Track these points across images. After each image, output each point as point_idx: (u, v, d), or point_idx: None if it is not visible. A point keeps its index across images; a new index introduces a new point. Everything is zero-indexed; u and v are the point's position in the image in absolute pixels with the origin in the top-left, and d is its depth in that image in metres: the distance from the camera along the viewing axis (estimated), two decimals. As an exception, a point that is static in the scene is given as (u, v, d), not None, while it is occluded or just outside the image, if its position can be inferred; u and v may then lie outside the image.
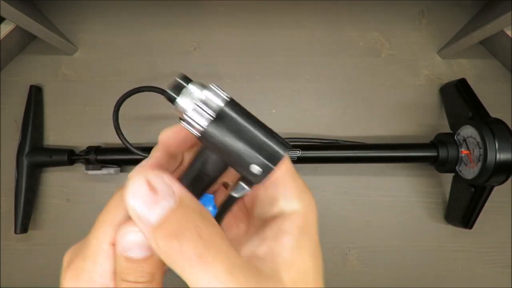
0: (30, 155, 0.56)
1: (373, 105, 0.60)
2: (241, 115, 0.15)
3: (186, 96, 0.15)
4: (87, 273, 0.15)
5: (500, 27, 0.51)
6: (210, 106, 0.15)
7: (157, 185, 0.13)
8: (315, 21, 0.62)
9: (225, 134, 0.14)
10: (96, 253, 0.15)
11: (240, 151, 0.15)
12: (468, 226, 0.52)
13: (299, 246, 0.16)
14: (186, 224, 0.13)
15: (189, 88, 0.15)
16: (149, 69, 0.62)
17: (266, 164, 0.15)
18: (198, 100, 0.15)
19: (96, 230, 0.16)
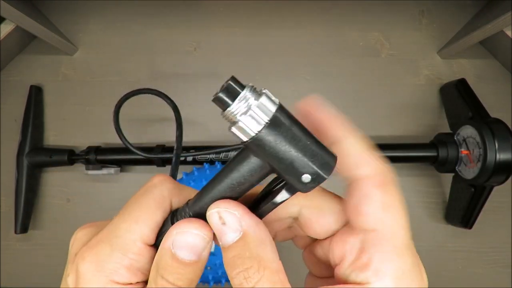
0: (30, 155, 0.56)
1: (373, 105, 0.60)
2: (293, 121, 0.15)
3: (241, 101, 0.14)
4: (113, 263, 0.15)
5: (500, 27, 0.51)
6: (264, 111, 0.14)
7: (226, 219, 0.15)
8: (315, 21, 0.62)
9: (279, 140, 0.14)
10: (127, 247, 0.16)
11: (293, 158, 0.14)
12: (468, 226, 0.52)
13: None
14: (243, 254, 0.14)
15: (244, 93, 0.14)
16: (149, 69, 0.62)
17: (319, 173, 0.14)
18: (253, 105, 0.14)
19: (130, 224, 0.16)
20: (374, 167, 0.16)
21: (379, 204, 0.15)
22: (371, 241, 0.15)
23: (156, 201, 0.17)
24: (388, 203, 0.15)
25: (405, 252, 0.15)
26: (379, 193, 0.15)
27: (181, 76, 0.61)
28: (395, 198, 0.15)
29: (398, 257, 0.15)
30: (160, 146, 0.54)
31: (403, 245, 0.15)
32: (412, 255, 0.15)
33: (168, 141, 0.59)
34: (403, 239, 0.15)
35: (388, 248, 0.15)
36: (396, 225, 0.15)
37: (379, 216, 0.15)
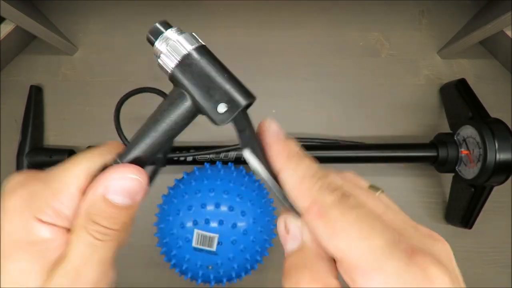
0: (30, 155, 0.56)
1: (373, 105, 0.60)
2: (209, 60, 0.17)
3: (162, 41, 0.17)
4: (42, 201, 0.15)
5: (500, 27, 0.51)
6: (178, 51, 0.16)
7: (290, 228, 0.16)
8: (315, 21, 0.62)
9: (194, 73, 0.16)
10: (61, 188, 0.16)
11: (208, 87, 0.16)
12: (468, 226, 0.52)
13: None
14: (299, 264, 0.15)
15: (165, 34, 0.17)
16: (149, 69, 0.62)
17: (234, 100, 0.17)
18: (170, 45, 0.17)
19: (68, 169, 0.16)
20: (308, 199, 0.15)
21: (327, 237, 0.14)
22: (341, 270, 0.14)
23: (93, 154, 0.17)
24: (333, 233, 0.14)
25: (373, 272, 0.13)
26: (320, 224, 0.14)
27: (181, 76, 0.61)
28: (337, 223, 0.14)
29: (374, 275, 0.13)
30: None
31: (369, 265, 0.13)
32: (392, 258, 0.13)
33: (168, 141, 0.59)
34: (366, 259, 0.13)
35: (355, 275, 0.13)
36: (352, 248, 0.13)
37: (333, 247, 0.14)
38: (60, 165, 0.17)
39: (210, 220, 0.42)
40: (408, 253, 0.13)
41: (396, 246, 0.13)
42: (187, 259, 0.43)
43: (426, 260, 0.13)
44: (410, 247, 0.13)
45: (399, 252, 0.13)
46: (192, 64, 0.16)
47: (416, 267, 0.13)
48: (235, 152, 0.52)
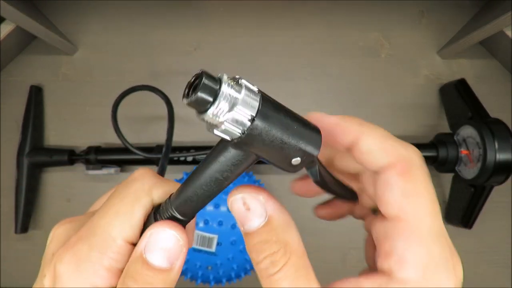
0: (31, 155, 0.56)
1: (373, 105, 0.60)
2: (276, 108, 0.13)
3: (221, 100, 0.12)
4: (91, 263, 0.14)
5: (500, 27, 0.51)
6: (248, 107, 0.12)
7: (251, 204, 0.14)
8: (315, 21, 0.62)
9: (266, 133, 0.13)
10: (107, 245, 0.14)
11: (282, 147, 0.13)
12: (468, 226, 0.52)
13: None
14: (270, 239, 0.14)
15: (224, 90, 0.12)
16: (149, 69, 0.62)
17: (309, 154, 0.14)
18: (236, 103, 0.12)
19: (109, 220, 0.15)
20: (395, 155, 0.15)
21: (400, 192, 0.14)
22: (394, 229, 0.14)
23: (136, 195, 0.15)
24: (410, 190, 0.14)
25: (431, 240, 0.14)
26: (400, 180, 0.14)
27: (181, 76, 0.61)
28: (418, 185, 0.14)
29: (422, 246, 0.14)
30: (160, 146, 0.54)
31: (429, 233, 0.14)
32: (440, 244, 0.14)
33: (168, 141, 0.59)
34: (429, 227, 0.14)
35: (411, 236, 0.14)
36: (420, 212, 0.14)
37: (400, 204, 0.14)
38: (99, 213, 0.15)
39: (209, 220, 0.42)
40: (452, 250, 0.15)
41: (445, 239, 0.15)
42: (187, 260, 0.43)
43: (456, 261, 0.15)
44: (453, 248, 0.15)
45: (449, 244, 0.15)
46: (261, 127, 0.13)
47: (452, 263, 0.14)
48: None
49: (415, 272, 0.14)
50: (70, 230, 0.16)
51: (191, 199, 0.15)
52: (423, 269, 0.14)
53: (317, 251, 0.57)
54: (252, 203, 0.14)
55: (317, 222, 0.58)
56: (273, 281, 0.14)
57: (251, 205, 0.14)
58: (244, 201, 0.14)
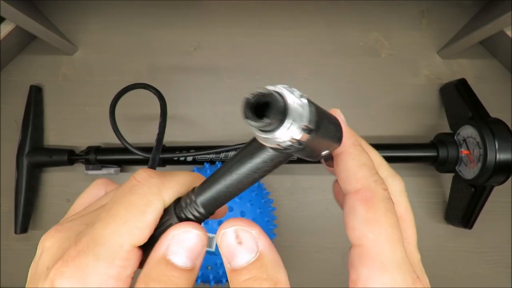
0: (30, 155, 0.56)
1: (373, 105, 0.60)
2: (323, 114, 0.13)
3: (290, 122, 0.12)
4: (99, 275, 0.14)
5: (500, 27, 0.51)
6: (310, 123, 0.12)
7: (243, 238, 0.14)
8: (315, 21, 0.62)
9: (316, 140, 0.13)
10: (114, 253, 0.14)
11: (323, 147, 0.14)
12: (468, 226, 0.52)
13: None
14: (260, 276, 0.14)
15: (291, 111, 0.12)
16: (149, 69, 0.62)
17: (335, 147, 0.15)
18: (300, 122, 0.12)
19: (117, 226, 0.14)
20: (362, 182, 0.15)
21: (362, 220, 0.15)
22: (358, 256, 0.15)
23: (146, 200, 0.15)
24: (371, 219, 0.15)
25: (393, 268, 0.14)
26: (362, 208, 0.15)
27: (180, 76, 0.61)
28: (379, 214, 0.15)
29: (384, 275, 0.14)
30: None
31: (391, 261, 0.14)
32: (402, 272, 0.14)
33: (169, 140, 0.59)
34: (390, 256, 0.14)
35: (374, 264, 0.14)
36: (380, 239, 0.14)
37: (363, 231, 0.15)
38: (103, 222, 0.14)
39: (209, 220, 0.42)
40: (414, 278, 0.14)
41: (409, 266, 0.15)
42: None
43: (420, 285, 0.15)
44: (416, 275, 0.15)
45: (410, 272, 0.14)
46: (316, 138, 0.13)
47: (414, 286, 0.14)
48: (235, 152, 0.52)
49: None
50: (62, 242, 0.15)
51: (222, 196, 0.15)
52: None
53: (317, 251, 0.57)
54: (245, 237, 0.14)
55: (317, 222, 0.58)
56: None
57: (243, 239, 0.14)
58: (237, 234, 0.14)
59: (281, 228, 0.57)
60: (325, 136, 0.13)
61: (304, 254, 0.57)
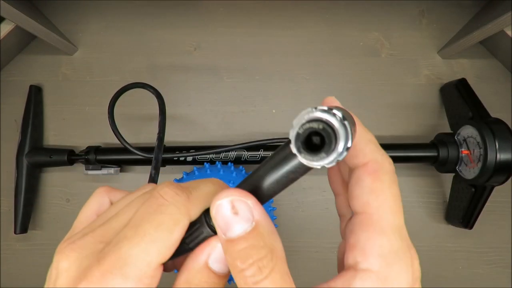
0: (30, 155, 0.56)
1: (373, 105, 0.60)
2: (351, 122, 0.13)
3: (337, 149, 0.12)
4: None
5: (500, 27, 0.51)
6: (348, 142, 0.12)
7: (240, 208, 0.14)
8: (315, 21, 0.62)
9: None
10: (142, 272, 0.14)
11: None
12: (468, 226, 0.52)
13: None
14: (257, 244, 0.14)
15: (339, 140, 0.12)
16: (149, 69, 0.62)
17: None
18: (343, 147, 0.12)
19: (146, 248, 0.14)
20: (370, 156, 0.16)
21: (368, 189, 0.15)
22: (359, 223, 0.15)
23: (174, 219, 0.15)
24: (376, 188, 0.15)
25: (391, 233, 0.15)
26: (369, 179, 0.16)
27: (180, 76, 0.61)
28: (384, 185, 0.15)
29: (383, 237, 0.15)
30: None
31: (390, 227, 0.15)
32: (399, 238, 0.15)
33: (169, 140, 0.59)
34: (389, 222, 0.15)
35: (374, 229, 0.15)
36: (383, 208, 0.15)
37: (367, 199, 0.15)
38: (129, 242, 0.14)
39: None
40: (409, 245, 0.16)
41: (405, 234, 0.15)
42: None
43: (414, 257, 0.16)
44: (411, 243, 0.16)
45: (405, 239, 0.15)
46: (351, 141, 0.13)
47: (409, 255, 0.15)
48: (235, 152, 0.52)
49: (377, 262, 0.14)
50: (81, 262, 0.15)
51: None
52: (384, 259, 0.14)
53: (317, 251, 0.57)
54: (241, 207, 0.14)
55: (317, 222, 0.58)
56: (260, 285, 0.13)
57: (239, 209, 0.14)
58: (233, 204, 0.14)
59: (281, 228, 0.57)
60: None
61: (304, 254, 0.57)
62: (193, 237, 0.16)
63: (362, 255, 0.15)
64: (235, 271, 0.14)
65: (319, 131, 0.12)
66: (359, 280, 0.14)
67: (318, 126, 0.12)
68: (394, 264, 0.14)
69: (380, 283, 0.14)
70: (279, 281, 0.13)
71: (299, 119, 0.12)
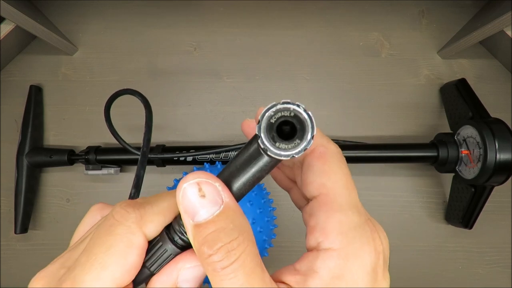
0: (30, 155, 0.56)
1: (373, 105, 0.60)
2: None
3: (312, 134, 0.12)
4: None
5: (500, 27, 0.51)
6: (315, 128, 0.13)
7: (207, 191, 0.14)
8: (315, 21, 0.62)
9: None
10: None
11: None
12: (468, 226, 0.52)
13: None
14: (227, 226, 0.13)
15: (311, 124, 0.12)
16: (148, 69, 0.62)
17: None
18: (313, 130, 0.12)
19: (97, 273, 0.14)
20: (316, 142, 0.17)
21: (319, 172, 0.16)
22: (317, 205, 0.16)
23: (125, 240, 0.14)
24: (327, 170, 0.16)
25: (349, 209, 0.15)
26: (319, 162, 0.16)
27: (181, 76, 0.61)
28: (334, 166, 0.16)
29: (341, 213, 0.15)
30: (160, 146, 0.54)
31: (346, 203, 0.15)
32: (357, 213, 0.15)
33: (168, 141, 0.59)
34: (345, 198, 0.15)
35: (331, 207, 0.15)
36: (336, 186, 0.15)
37: (320, 181, 0.16)
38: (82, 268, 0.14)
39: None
40: (366, 218, 0.16)
41: (360, 207, 0.16)
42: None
43: (377, 228, 0.15)
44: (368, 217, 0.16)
45: (363, 212, 0.16)
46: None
47: (369, 229, 0.15)
48: (235, 152, 0.52)
49: (337, 240, 0.14)
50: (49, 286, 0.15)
51: None
52: (344, 236, 0.14)
53: (317, 251, 0.57)
54: (208, 190, 0.14)
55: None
56: (228, 272, 0.13)
57: (207, 192, 0.14)
58: (200, 187, 0.14)
59: (281, 228, 0.57)
60: None
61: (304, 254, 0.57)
62: (156, 257, 0.15)
63: (323, 235, 0.15)
64: (202, 257, 0.13)
65: (291, 119, 0.12)
66: (321, 260, 0.14)
67: (289, 114, 0.12)
68: (354, 240, 0.14)
69: (342, 261, 0.14)
70: (249, 264, 0.13)
71: (267, 112, 0.12)
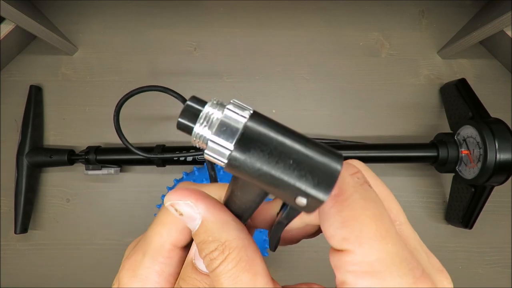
0: (30, 155, 0.56)
1: (373, 105, 0.60)
2: (273, 130, 0.11)
3: (202, 122, 0.12)
4: (144, 268, 0.16)
5: (500, 27, 0.51)
6: (231, 128, 0.11)
7: (183, 210, 0.15)
8: (315, 21, 0.62)
9: (255, 160, 0.11)
10: (157, 251, 0.16)
11: (277, 179, 0.11)
12: (468, 226, 0.52)
13: None
14: (206, 239, 0.14)
15: (204, 112, 0.12)
16: (149, 69, 0.62)
17: (313, 196, 0.11)
18: (217, 124, 0.12)
19: (158, 228, 0.16)
20: None
21: (338, 224, 0.13)
22: (342, 261, 0.13)
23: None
24: (348, 218, 0.12)
25: (384, 270, 0.12)
26: (334, 210, 0.13)
27: (180, 76, 0.61)
28: (356, 208, 0.12)
29: (373, 278, 0.12)
30: (160, 146, 0.54)
31: (379, 262, 0.12)
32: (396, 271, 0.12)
33: (168, 140, 0.59)
34: (378, 254, 0.12)
35: (360, 268, 0.12)
36: (365, 240, 0.12)
37: (341, 235, 0.13)
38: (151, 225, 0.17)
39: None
40: (415, 275, 0.12)
41: (406, 262, 0.12)
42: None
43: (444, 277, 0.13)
44: (420, 270, 0.12)
45: (407, 269, 0.12)
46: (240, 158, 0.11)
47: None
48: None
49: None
50: (135, 244, 0.18)
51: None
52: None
53: (316, 251, 0.57)
54: (183, 209, 0.15)
55: (317, 222, 0.58)
56: (215, 275, 0.14)
57: (183, 211, 0.15)
58: (175, 208, 0.15)
59: (281, 228, 0.57)
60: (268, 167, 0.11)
61: (304, 254, 0.57)
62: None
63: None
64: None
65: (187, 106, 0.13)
66: None
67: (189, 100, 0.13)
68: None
69: None
70: (233, 269, 0.13)
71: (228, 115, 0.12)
